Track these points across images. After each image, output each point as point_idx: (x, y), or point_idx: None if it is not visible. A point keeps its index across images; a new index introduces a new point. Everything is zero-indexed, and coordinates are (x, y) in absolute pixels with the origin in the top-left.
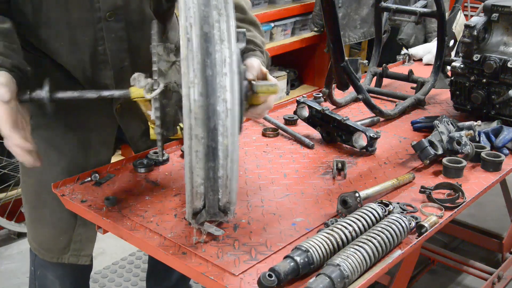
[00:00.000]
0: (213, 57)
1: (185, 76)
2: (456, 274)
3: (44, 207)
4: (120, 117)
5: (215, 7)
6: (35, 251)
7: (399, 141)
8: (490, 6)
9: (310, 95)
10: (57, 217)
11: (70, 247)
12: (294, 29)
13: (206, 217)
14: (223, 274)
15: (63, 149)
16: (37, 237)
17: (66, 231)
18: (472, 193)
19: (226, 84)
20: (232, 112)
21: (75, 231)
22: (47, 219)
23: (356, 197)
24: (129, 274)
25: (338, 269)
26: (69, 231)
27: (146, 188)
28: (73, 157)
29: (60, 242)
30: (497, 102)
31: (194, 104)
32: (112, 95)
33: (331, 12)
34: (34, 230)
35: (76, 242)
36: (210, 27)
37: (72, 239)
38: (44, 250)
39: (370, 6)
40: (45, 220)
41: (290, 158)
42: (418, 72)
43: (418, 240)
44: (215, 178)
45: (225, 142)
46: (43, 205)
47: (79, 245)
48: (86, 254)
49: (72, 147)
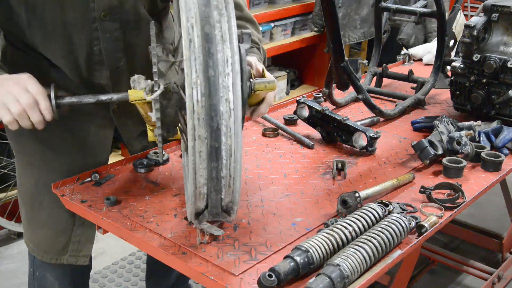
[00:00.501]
0: (215, 57)
1: (187, 77)
2: (456, 274)
3: (41, 209)
4: (117, 118)
5: (216, 7)
6: (33, 253)
7: (399, 141)
8: (490, 6)
9: (310, 95)
10: (55, 219)
11: (69, 248)
12: (294, 29)
13: (209, 217)
14: (223, 274)
15: (60, 150)
16: (35, 238)
17: (64, 232)
18: (472, 193)
19: (228, 84)
20: (235, 112)
21: (74, 232)
22: (44, 221)
23: (356, 197)
24: (129, 274)
25: (338, 269)
26: (67, 232)
27: (146, 188)
28: (71, 159)
29: (59, 243)
30: (497, 102)
31: (197, 104)
32: (110, 99)
33: (331, 12)
34: (31, 232)
35: (74, 243)
36: (211, 28)
37: (71, 240)
38: (42, 252)
39: (370, 6)
40: (42, 221)
41: (290, 158)
42: (418, 72)
43: (418, 240)
44: (218, 178)
45: (229, 142)
46: (40, 207)
47: (77, 245)
48: (85, 254)
49: (70, 148)
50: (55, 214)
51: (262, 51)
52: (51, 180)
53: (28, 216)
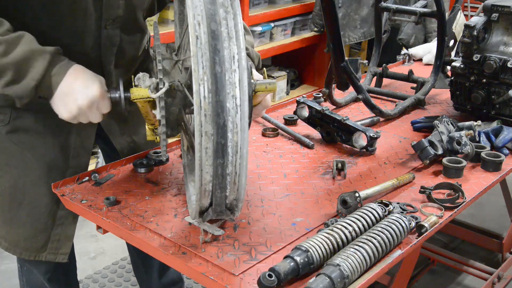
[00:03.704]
0: (222, 54)
1: (195, 72)
2: (456, 274)
3: (20, 208)
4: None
5: (222, 4)
6: (8, 251)
7: (399, 141)
8: (490, 6)
9: (310, 95)
10: (34, 218)
11: (48, 246)
12: (294, 29)
13: (213, 215)
14: (223, 274)
15: (41, 153)
16: (12, 237)
17: (43, 231)
18: (472, 193)
19: (235, 81)
20: (241, 108)
21: (53, 230)
22: (24, 220)
23: (356, 197)
24: (129, 274)
25: (338, 269)
26: (47, 231)
27: (146, 188)
28: (51, 161)
29: (38, 241)
30: (497, 102)
31: (204, 101)
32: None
33: (331, 12)
34: (8, 230)
35: (54, 241)
36: (218, 25)
37: (50, 238)
38: (21, 249)
39: (370, 6)
40: (22, 220)
41: (290, 158)
42: (418, 72)
43: (418, 240)
44: (223, 175)
45: (235, 138)
46: (19, 207)
47: (56, 244)
48: (64, 252)
49: (50, 150)
50: (34, 214)
51: (255, 54)
52: (31, 182)
53: (4, 216)
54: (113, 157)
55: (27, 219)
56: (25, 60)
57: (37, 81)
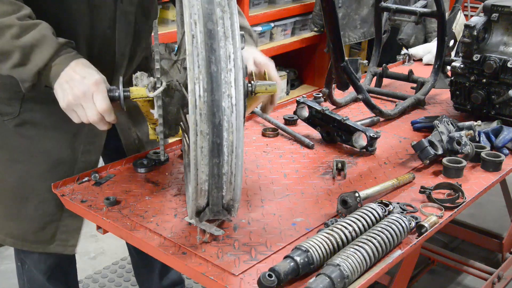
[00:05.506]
0: (218, 53)
1: (190, 71)
2: (456, 274)
3: (27, 203)
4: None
5: (219, 4)
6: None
7: (399, 141)
8: (490, 6)
9: (310, 95)
10: (42, 212)
11: (56, 237)
12: (294, 29)
13: (210, 215)
14: (223, 274)
15: (48, 147)
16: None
17: (51, 222)
18: (472, 193)
19: (231, 80)
20: (237, 108)
21: (62, 222)
22: (30, 214)
23: (356, 197)
24: (129, 274)
25: (338, 269)
26: (55, 223)
27: (146, 188)
28: (59, 156)
29: (46, 233)
30: (497, 102)
31: (199, 100)
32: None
33: (331, 12)
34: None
35: (62, 232)
36: (214, 24)
37: (58, 229)
38: (30, 243)
39: (370, 6)
40: (29, 215)
41: (290, 158)
42: (418, 72)
43: (418, 240)
44: (219, 174)
45: (230, 138)
46: (26, 201)
47: (65, 235)
48: (72, 244)
49: (58, 145)
50: (42, 207)
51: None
52: (37, 178)
53: (11, 211)
54: (113, 157)
55: (34, 213)
56: (33, 46)
57: (39, 68)
